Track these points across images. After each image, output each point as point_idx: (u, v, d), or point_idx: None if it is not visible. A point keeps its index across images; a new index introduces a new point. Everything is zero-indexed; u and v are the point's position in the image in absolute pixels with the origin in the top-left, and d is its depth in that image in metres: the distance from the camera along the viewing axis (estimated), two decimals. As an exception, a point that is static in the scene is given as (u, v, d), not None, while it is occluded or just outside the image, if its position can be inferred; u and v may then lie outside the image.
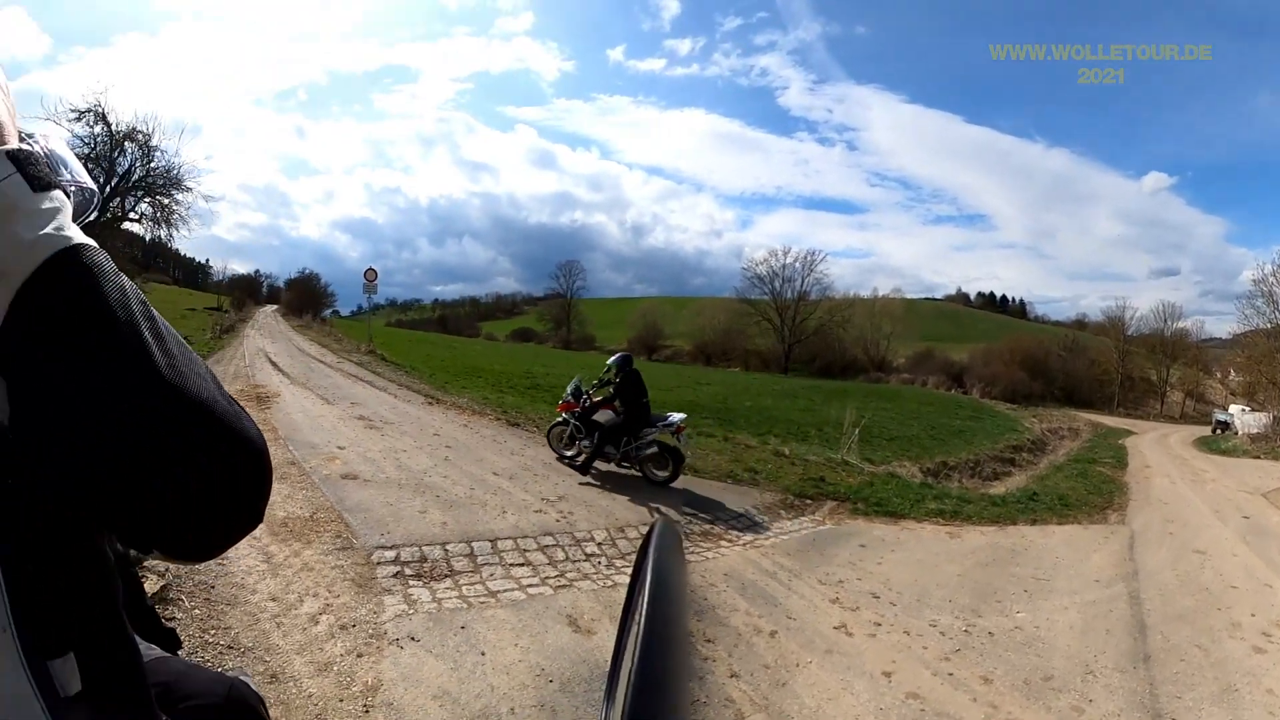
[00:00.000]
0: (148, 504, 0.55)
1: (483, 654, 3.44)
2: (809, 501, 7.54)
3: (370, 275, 23.64)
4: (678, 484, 7.42)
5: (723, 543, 5.72)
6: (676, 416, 7.91)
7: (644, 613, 1.06)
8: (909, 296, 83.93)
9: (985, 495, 9.38)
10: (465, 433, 9.33)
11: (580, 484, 7.09)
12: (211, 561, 4.28)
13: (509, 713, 2.97)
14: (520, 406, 12.11)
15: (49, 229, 0.51)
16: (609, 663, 1.22)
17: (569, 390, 8.39)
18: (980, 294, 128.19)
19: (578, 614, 3.98)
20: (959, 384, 49.44)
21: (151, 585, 3.49)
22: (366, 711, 2.91)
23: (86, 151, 21.94)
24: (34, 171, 0.52)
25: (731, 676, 3.53)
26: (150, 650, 1.20)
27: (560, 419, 8.38)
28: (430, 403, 12.02)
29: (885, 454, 11.68)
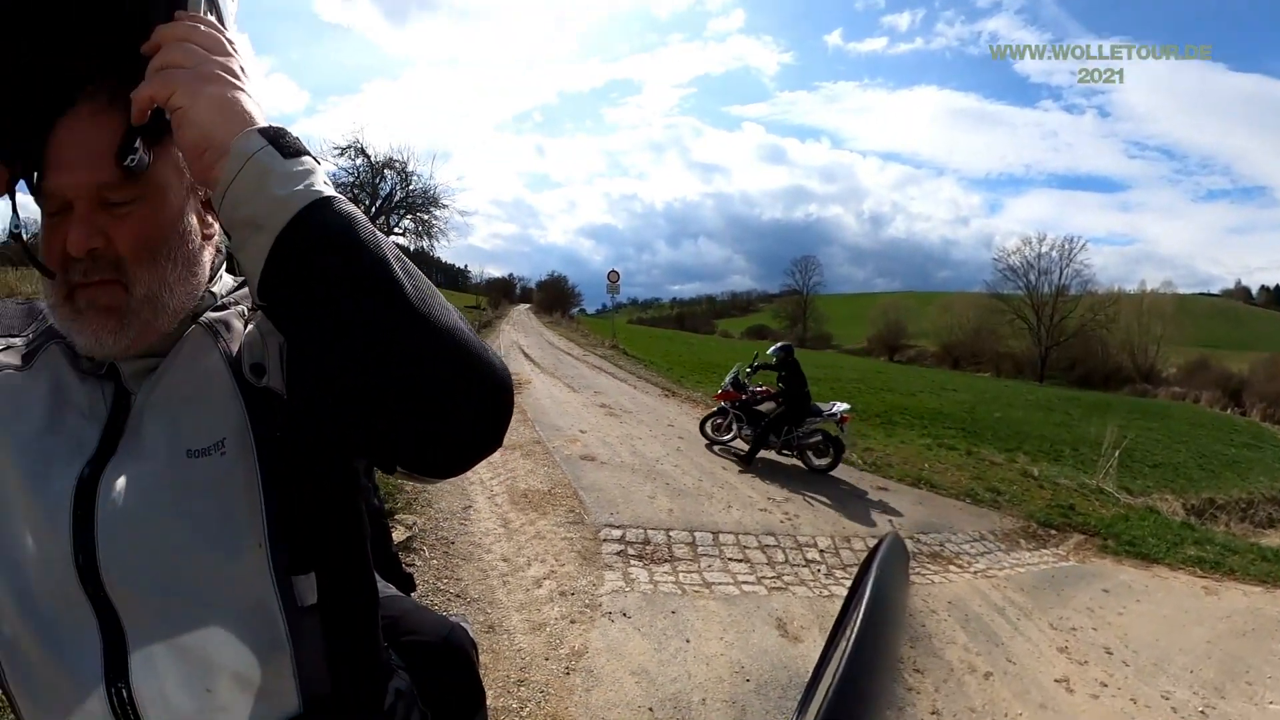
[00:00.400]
0: (402, 427, 0.61)
1: (687, 640, 3.45)
2: (1053, 532, 6.44)
3: (613, 277, 25.29)
4: (913, 499, 6.83)
5: (952, 568, 5.12)
6: (841, 406, 7.72)
7: (856, 628, 0.96)
8: (1181, 292, 65.46)
9: (1255, 546, 7.18)
10: (697, 426, 9.54)
11: (797, 490, 6.85)
12: (454, 520, 4.85)
13: (700, 702, 2.94)
14: (751, 403, 12.11)
15: (300, 186, 0.58)
16: (809, 673, 1.14)
17: (728, 380, 8.38)
18: (1265, 288, 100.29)
19: (788, 618, 3.83)
20: (1236, 402, 38.20)
21: (399, 535, 4.08)
22: (567, 673, 3.07)
23: (351, 180, 25.83)
24: (284, 142, 0.60)
25: (933, 714, 3.16)
26: (387, 588, 1.37)
27: (716, 409, 8.52)
28: (666, 395, 12.48)
29: (1145, 483, 9.68)
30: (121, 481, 0.66)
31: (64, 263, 0.67)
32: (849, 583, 1.76)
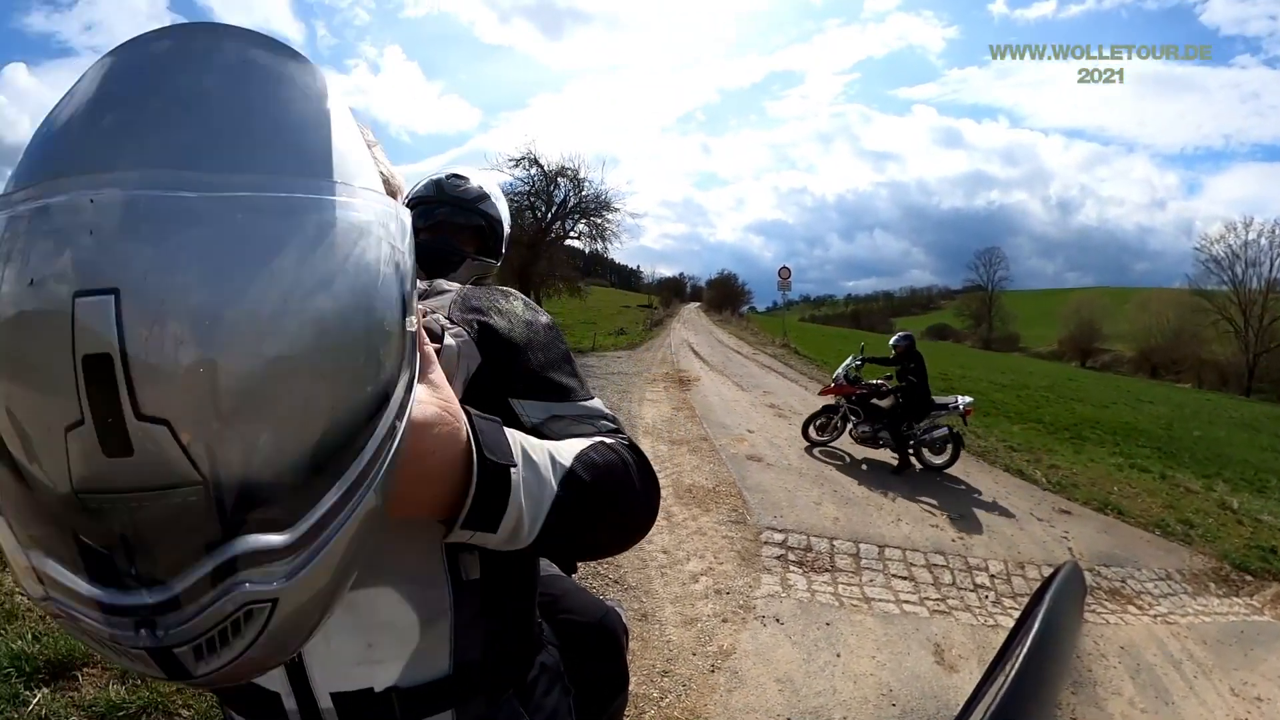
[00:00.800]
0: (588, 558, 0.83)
1: (838, 655, 3.36)
2: (1249, 578, 5.29)
3: (784, 273, 24.81)
4: (1097, 526, 6.03)
5: (1131, 608, 4.45)
6: (964, 399, 7.20)
7: (1019, 665, 0.93)
8: None
9: None
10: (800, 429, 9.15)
11: (971, 508, 6.31)
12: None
13: None
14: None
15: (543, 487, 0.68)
16: (960, 706, 1.09)
17: (840, 373, 7.84)
18: None
19: (946, 645, 3.57)
20: None
21: None
22: (712, 671, 3.11)
23: (527, 189, 27.17)
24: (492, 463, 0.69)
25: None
26: (550, 568, 1.50)
27: (821, 408, 8.02)
28: (838, 398, 12.08)
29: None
30: None
31: None
32: (1017, 614, 1.64)
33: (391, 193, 0.75)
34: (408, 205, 1.64)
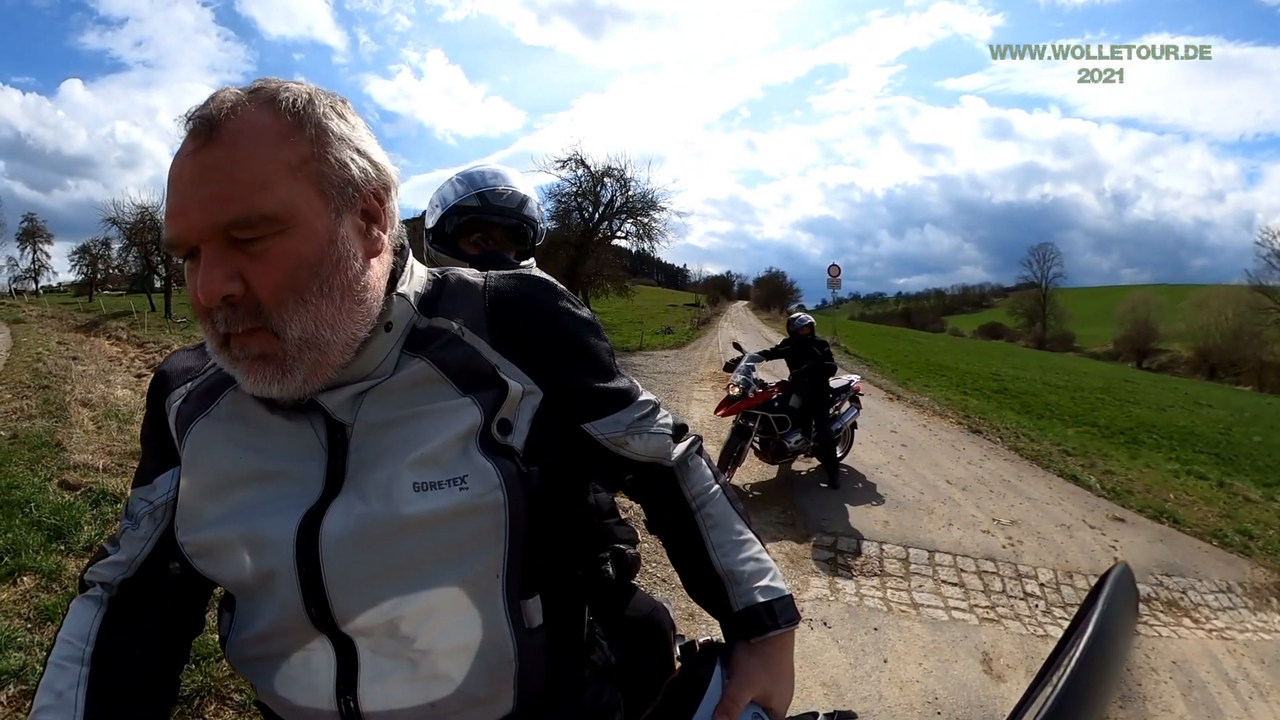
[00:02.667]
0: None
1: (885, 661, 3.33)
2: None
3: (834, 271, 24.41)
4: (1152, 534, 5.74)
5: (1186, 621, 4.23)
6: (853, 377, 6.77)
7: (1068, 675, 0.94)
8: None
9: None
10: (923, 433, 8.92)
11: (1023, 514, 6.11)
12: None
13: None
14: (984, 412, 10.99)
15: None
16: (1008, 713, 1.09)
17: (739, 379, 5.94)
18: None
19: (995, 654, 3.50)
20: None
21: None
22: None
23: (574, 189, 27.22)
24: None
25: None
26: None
27: (731, 432, 5.85)
28: (891, 399, 11.85)
29: None
30: (345, 524, 0.67)
31: (207, 311, 0.65)
32: (1066, 624, 1.61)
33: (385, 185, 0.73)
34: (452, 211, 1.69)
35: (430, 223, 1.71)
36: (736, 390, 5.84)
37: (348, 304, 0.66)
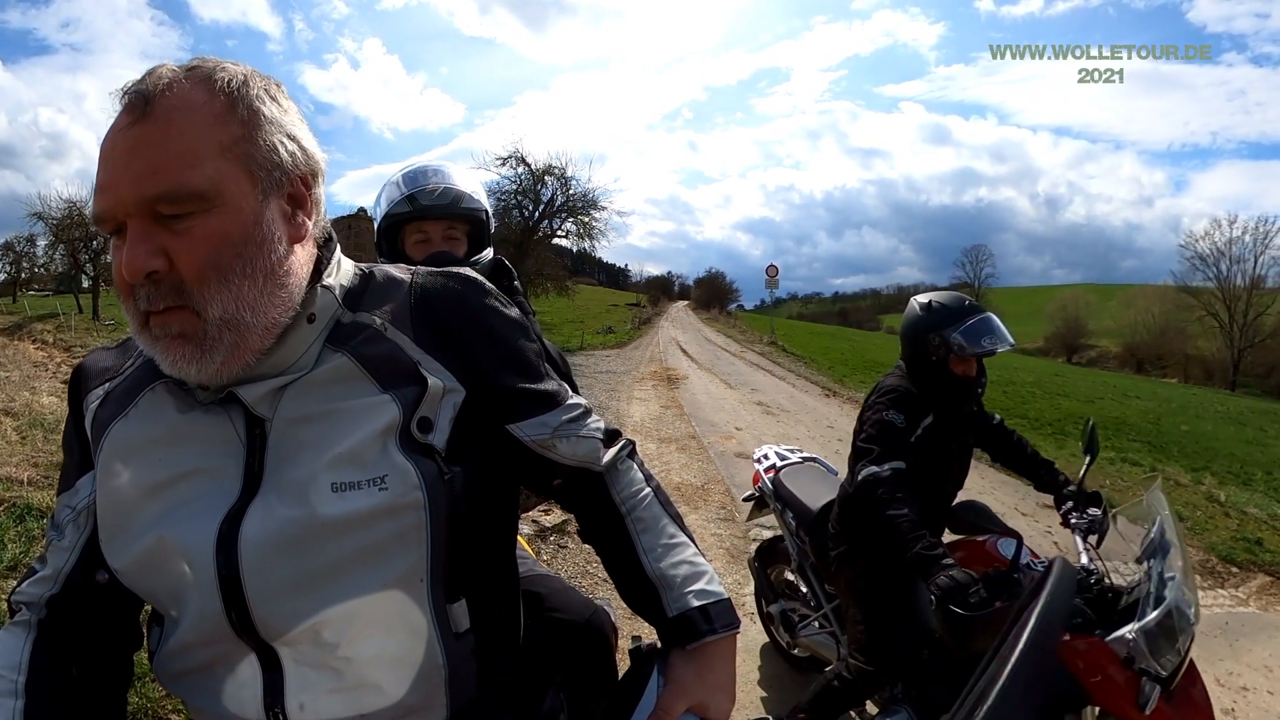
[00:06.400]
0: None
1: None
2: (1235, 570, 5.34)
3: (772, 271, 24.96)
4: None
5: None
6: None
7: (1016, 658, 0.94)
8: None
9: None
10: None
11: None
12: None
13: None
14: (916, 406, 11.41)
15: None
16: (960, 699, 1.10)
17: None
18: None
19: None
20: None
21: (553, 519, 4.31)
22: None
23: (515, 187, 27.07)
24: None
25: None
26: (537, 567, 1.49)
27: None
28: (827, 395, 12.13)
29: (1352, 519, 7.87)
30: (264, 528, 0.65)
31: (130, 289, 0.65)
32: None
33: (313, 172, 0.73)
34: (382, 223, 1.62)
35: (376, 236, 1.67)
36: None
37: (269, 287, 0.66)
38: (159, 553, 0.66)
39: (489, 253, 1.72)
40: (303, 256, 0.71)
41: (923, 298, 2.16)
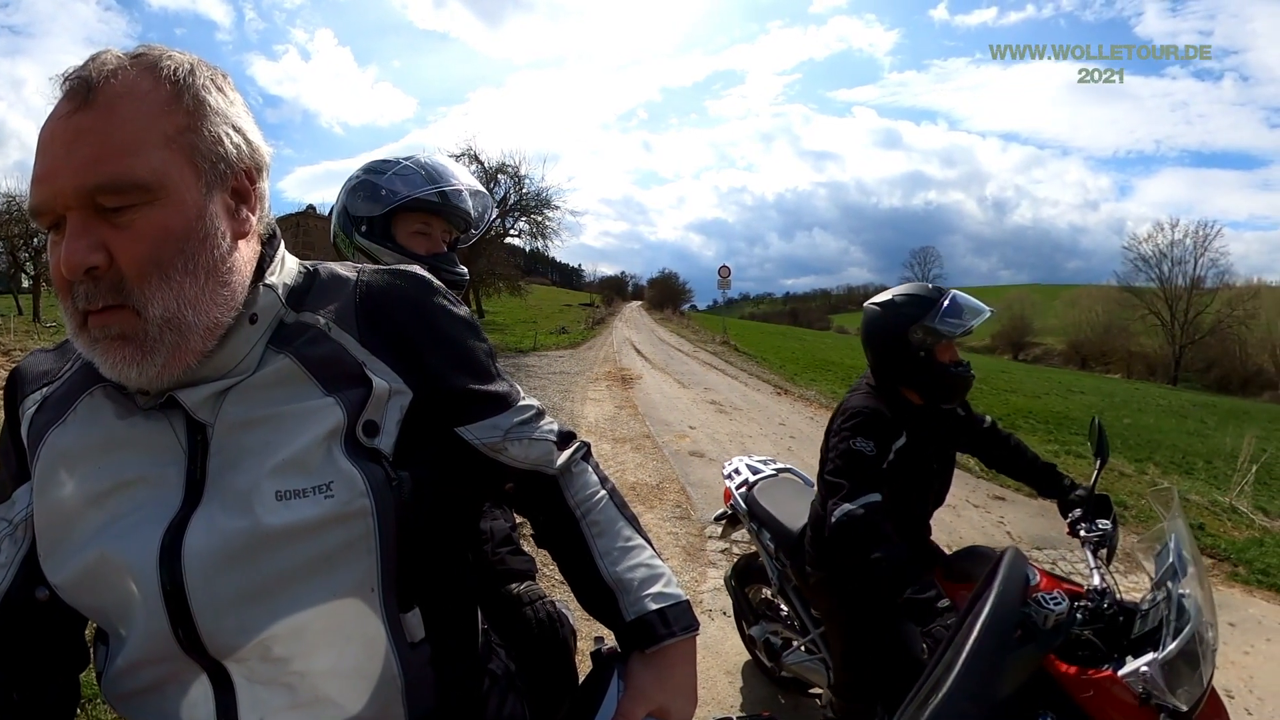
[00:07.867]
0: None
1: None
2: None
3: (724, 272, 25.22)
4: (1031, 510, 6.33)
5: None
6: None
7: (969, 648, 0.95)
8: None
9: None
10: (810, 425, 9.28)
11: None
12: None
13: (793, 708, 2.84)
14: (865, 403, 11.68)
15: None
16: (914, 688, 1.12)
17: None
18: None
19: None
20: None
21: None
22: None
23: None
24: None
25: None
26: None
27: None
28: (779, 393, 12.30)
29: (1287, 504, 8.48)
30: (208, 540, 0.62)
31: (68, 286, 0.62)
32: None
33: (258, 166, 0.71)
34: (408, 203, 1.56)
35: (366, 211, 1.57)
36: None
37: (211, 284, 0.64)
38: (100, 567, 0.63)
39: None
40: (246, 253, 0.69)
41: (880, 298, 2.08)
